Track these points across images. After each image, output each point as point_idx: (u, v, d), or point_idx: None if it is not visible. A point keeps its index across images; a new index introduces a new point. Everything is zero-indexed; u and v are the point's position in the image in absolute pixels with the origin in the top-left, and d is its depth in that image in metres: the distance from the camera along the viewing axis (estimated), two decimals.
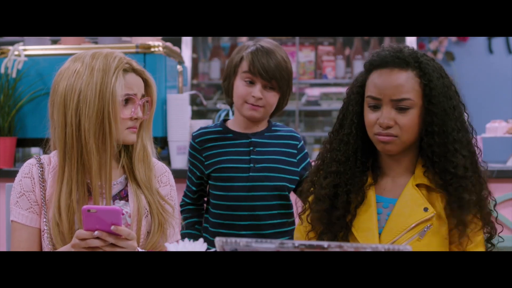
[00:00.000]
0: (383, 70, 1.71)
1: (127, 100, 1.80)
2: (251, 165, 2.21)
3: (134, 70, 1.82)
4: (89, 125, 1.75)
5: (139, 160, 1.85)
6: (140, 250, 1.66)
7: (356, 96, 1.77)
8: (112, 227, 1.57)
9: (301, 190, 1.93)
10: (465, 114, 1.76)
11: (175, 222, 1.88)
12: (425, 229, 1.68)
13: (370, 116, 1.73)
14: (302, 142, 2.34)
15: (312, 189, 1.82)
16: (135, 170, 1.85)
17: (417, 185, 1.72)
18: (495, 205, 1.76)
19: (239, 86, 2.20)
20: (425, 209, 1.69)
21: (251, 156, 2.22)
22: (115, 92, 1.76)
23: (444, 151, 1.69)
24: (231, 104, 2.30)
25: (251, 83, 2.19)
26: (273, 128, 2.29)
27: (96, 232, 1.57)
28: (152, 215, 1.84)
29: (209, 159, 2.24)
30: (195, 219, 2.32)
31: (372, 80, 1.73)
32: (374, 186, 1.77)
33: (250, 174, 2.20)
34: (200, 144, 2.26)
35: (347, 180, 1.75)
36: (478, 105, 5.79)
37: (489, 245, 1.75)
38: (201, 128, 2.32)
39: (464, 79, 6.10)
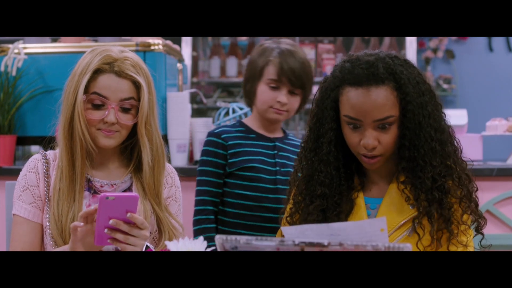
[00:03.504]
0: (359, 89, 1.64)
1: (100, 101, 1.76)
2: (277, 168, 2.22)
3: (116, 72, 1.76)
4: (64, 120, 1.77)
5: (145, 174, 1.82)
6: (150, 246, 1.66)
7: (331, 112, 1.69)
8: (128, 215, 1.57)
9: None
10: (443, 113, 1.70)
11: (182, 234, 1.87)
12: (414, 226, 1.66)
13: (352, 137, 1.67)
14: None
15: (293, 209, 1.77)
16: (143, 183, 1.83)
17: (402, 182, 1.69)
18: (476, 190, 1.72)
19: (264, 92, 2.19)
20: (412, 206, 1.67)
21: (276, 160, 2.22)
22: (78, 92, 1.74)
23: (413, 166, 1.66)
24: (250, 105, 2.28)
25: (276, 88, 2.18)
26: (289, 137, 2.31)
27: (111, 221, 1.56)
28: (163, 231, 1.83)
29: (235, 156, 2.21)
30: (214, 232, 2.23)
31: (347, 98, 1.65)
32: (361, 191, 1.74)
33: (278, 176, 2.21)
34: (225, 140, 2.22)
35: (335, 202, 1.70)
36: (478, 103, 5.82)
37: (479, 234, 1.72)
38: (221, 126, 2.31)
39: (464, 77, 6.11)
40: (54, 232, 1.75)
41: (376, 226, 1.35)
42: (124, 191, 1.85)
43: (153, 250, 1.67)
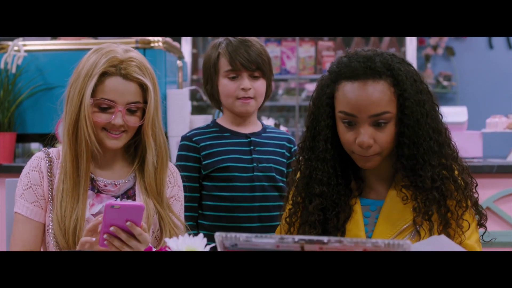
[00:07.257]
0: (355, 83, 1.60)
1: (107, 105, 1.75)
2: (254, 164, 2.15)
3: (123, 75, 1.75)
4: (69, 122, 1.75)
5: (149, 174, 1.82)
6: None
7: (326, 109, 1.66)
8: (128, 223, 1.57)
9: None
10: (439, 115, 1.67)
11: (183, 233, 1.87)
12: (417, 228, 1.64)
13: (346, 135, 1.64)
14: (296, 146, 2.30)
15: (292, 209, 1.74)
16: (146, 182, 1.82)
17: (403, 186, 1.66)
18: (476, 186, 1.70)
19: (226, 85, 2.14)
20: (414, 209, 1.64)
21: (253, 156, 2.16)
22: (84, 95, 1.73)
23: (413, 164, 1.63)
24: (218, 106, 2.23)
25: (236, 77, 2.13)
26: (268, 129, 2.25)
27: (111, 228, 1.57)
28: (164, 229, 1.82)
29: (208, 158, 2.15)
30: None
31: (343, 93, 1.62)
32: (359, 197, 1.71)
33: (255, 173, 2.14)
34: (197, 142, 2.17)
35: (333, 202, 1.68)
36: (478, 100, 5.83)
37: (482, 228, 1.70)
38: (194, 129, 2.25)
39: (464, 74, 6.11)
40: (57, 232, 1.74)
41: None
42: (127, 190, 1.84)
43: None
